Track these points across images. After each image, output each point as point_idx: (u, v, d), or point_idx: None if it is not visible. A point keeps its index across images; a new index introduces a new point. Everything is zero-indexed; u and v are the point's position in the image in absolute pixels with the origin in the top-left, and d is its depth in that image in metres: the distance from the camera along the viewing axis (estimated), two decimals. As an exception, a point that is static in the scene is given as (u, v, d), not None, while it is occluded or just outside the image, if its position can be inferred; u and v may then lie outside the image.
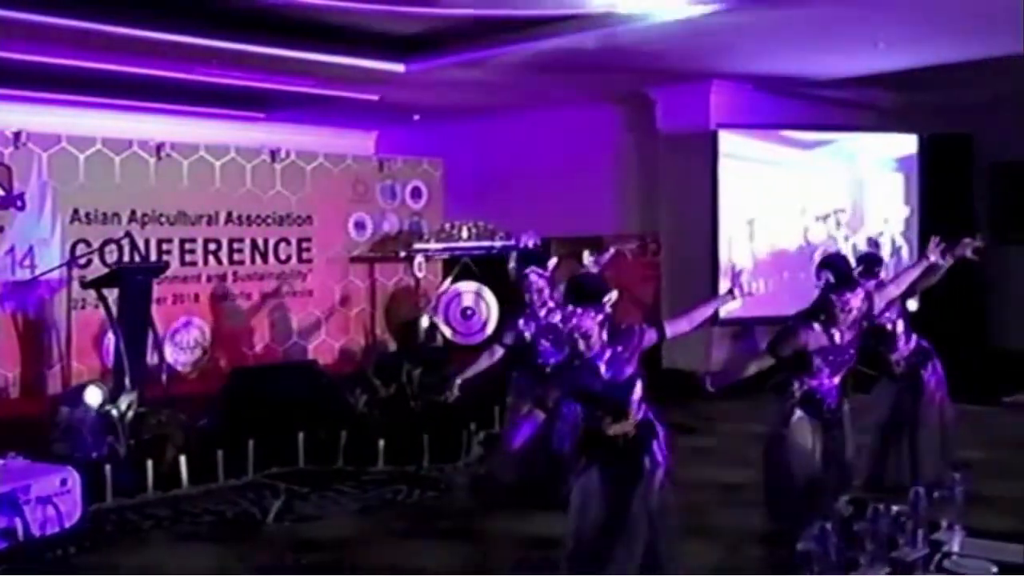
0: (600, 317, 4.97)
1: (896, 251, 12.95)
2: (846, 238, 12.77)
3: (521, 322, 7.52)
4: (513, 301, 8.20)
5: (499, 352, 7.43)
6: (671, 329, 5.30)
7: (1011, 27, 9.64)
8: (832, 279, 6.11)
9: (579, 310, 4.95)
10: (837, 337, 6.18)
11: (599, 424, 5.09)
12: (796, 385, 6.19)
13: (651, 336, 5.18)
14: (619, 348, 5.04)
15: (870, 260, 7.75)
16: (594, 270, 7.98)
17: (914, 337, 7.65)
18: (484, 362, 7.44)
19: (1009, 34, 9.95)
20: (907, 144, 13.28)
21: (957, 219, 13.37)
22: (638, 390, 5.09)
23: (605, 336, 5.00)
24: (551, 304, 7.57)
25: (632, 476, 5.06)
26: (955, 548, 4.33)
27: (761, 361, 6.22)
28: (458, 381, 7.31)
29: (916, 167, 13.23)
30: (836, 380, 6.26)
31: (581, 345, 5.00)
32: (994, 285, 13.64)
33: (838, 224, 12.82)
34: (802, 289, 12.19)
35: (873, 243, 11.34)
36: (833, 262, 6.37)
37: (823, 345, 6.16)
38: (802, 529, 4.28)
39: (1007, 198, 14.37)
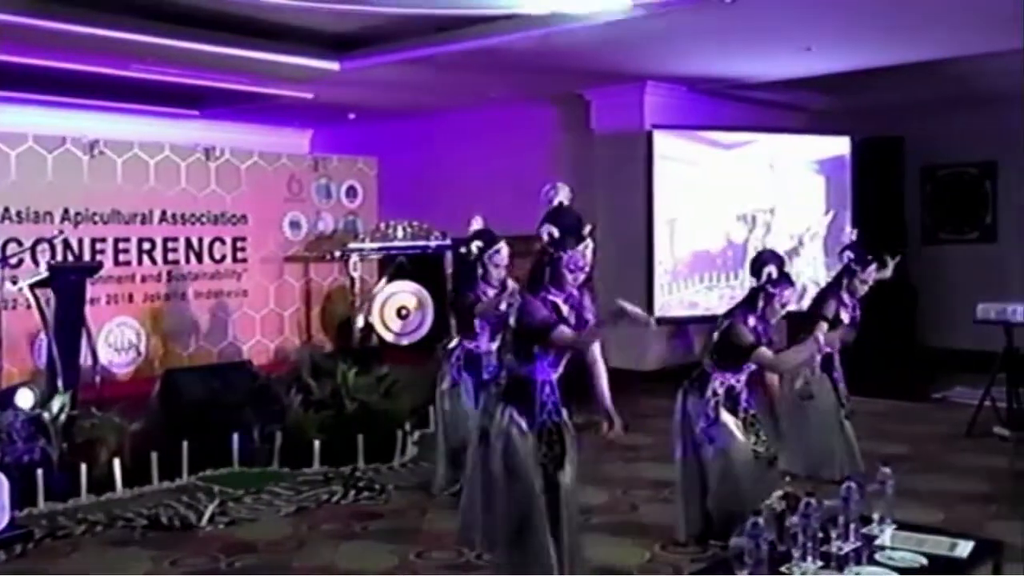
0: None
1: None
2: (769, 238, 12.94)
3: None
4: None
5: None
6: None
7: (940, 32, 9.82)
8: (775, 273, 6.21)
9: (582, 245, 5.15)
10: (763, 332, 6.26)
11: (530, 368, 5.12)
12: (718, 382, 6.25)
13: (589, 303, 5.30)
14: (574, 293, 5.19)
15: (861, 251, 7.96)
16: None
17: None
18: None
19: (938, 39, 10.13)
20: (832, 146, 13.43)
21: (888, 221, 13.60)
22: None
23: None
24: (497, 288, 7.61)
25: (558, 440, 5.19)
26: (886, 541, 4.39)
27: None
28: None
29: (847, 169, 13.42)
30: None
31: (571, 279, 5.13)
32: (923, 285, 13.86)
33: (768, 228, 12.94)
34: (725, 289, 12.48)
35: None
36: (774, 257, 6.46)
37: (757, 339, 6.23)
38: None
39: (937, 200, 14.64)
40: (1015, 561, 5.18)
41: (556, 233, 5.15)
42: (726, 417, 6.22)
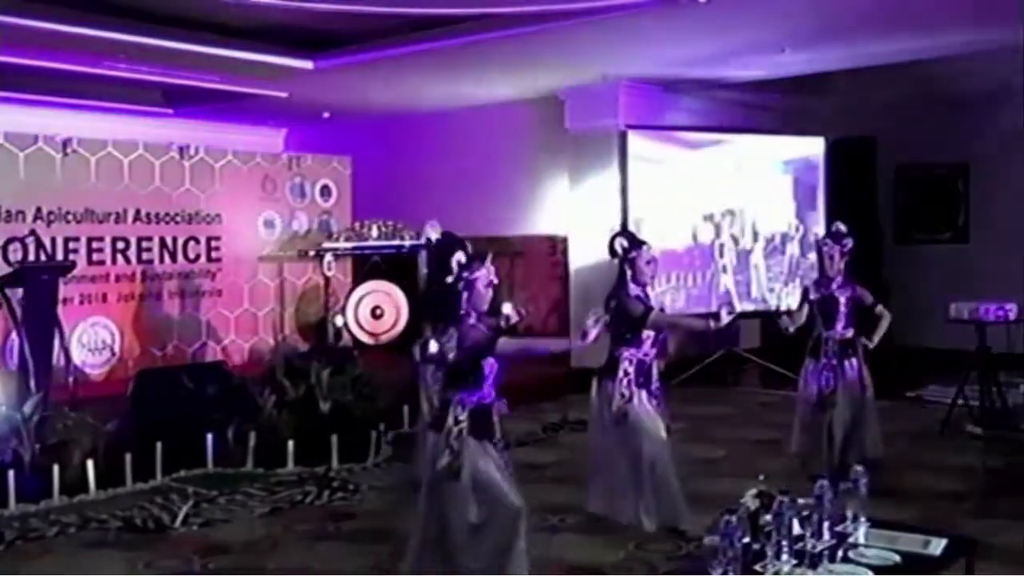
0: None
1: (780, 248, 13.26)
2: (735, 239, 13.01)
3: None
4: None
5: None
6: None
7: (914, 33, 9.87)
8: (626, 243, 6.63)
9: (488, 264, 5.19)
10: (646, 297, 6.61)
11: (480, 394, 5.16)
12: (627, 361, 6.55)
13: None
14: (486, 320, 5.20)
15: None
16: None
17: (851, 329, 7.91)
18: None
19: (910, 39, 10.18)
20: (804, 146, 13.45)
21: (861, 221, 13.63)
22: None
23: None
24: None
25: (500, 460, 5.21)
26: (859, 539, 4.40)
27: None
28: None
29: (818, 169, 13.43)
30: None
31: (488, 296, 5.17)
32: (896, 285, 13.92)
33: (719, 230, 12.99)
34: (693, 289, 12.50)
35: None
36: (621, 232, 6.99)
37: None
38: None
39: (909, 200, 14.71)
40: (987, 558, 5.21)
41: (463, 259, 5.13)
42: (640, 396, 6.49)
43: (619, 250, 6.62)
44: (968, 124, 13.70)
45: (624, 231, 7.04)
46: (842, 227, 7.98)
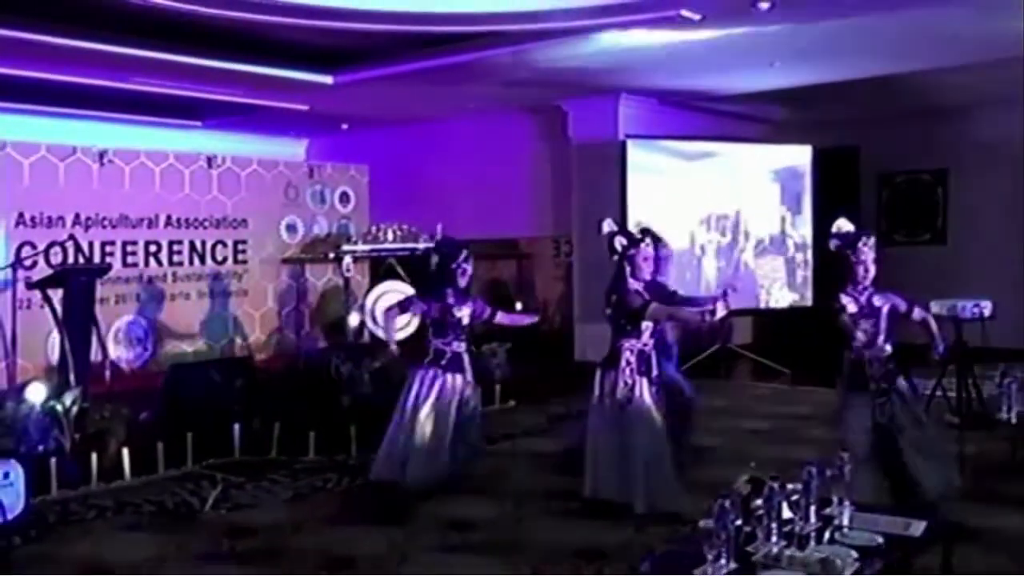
0: None
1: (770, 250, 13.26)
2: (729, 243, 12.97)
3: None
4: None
5: None
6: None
7: (892, 49, 9.87)
8: (625, 240, 6.69)
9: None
10: (645, 289, 6.69)
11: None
12: (628, 351, 6.56)
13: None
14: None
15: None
16: None
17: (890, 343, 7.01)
18: None
19: (889, 56, 10.18)
20: (792, 155, 13.43)
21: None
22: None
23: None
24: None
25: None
26: (845, 521, 4.40)
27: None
28: None
29: (804, 176, 13.42)
30: None
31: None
32: (879, 284, 13.90)
33: (718, 233, 12.98)
34: (687, 287, 12.48)
35: None
36: (619, 231, 6.85)
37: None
38: None
39: (891, 205, 14.71)
40: (964, 540, 5.21)
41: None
42: (642, 384, 6.48)
43: (618, 248, 6.64)
44: (947, 133, 13.70)
45: (622, 230, 6.98)
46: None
